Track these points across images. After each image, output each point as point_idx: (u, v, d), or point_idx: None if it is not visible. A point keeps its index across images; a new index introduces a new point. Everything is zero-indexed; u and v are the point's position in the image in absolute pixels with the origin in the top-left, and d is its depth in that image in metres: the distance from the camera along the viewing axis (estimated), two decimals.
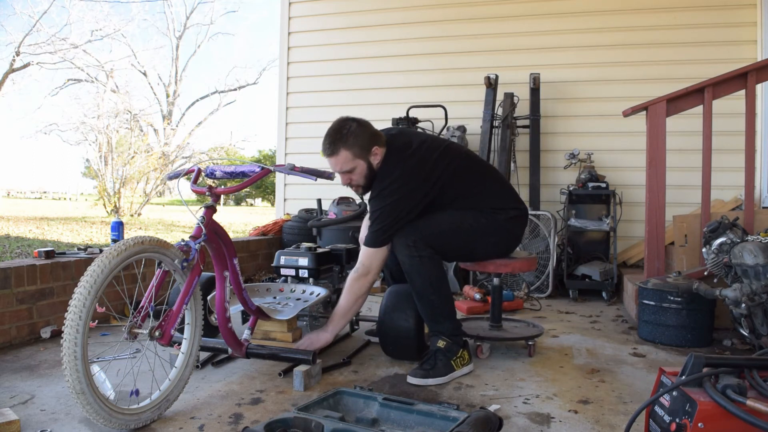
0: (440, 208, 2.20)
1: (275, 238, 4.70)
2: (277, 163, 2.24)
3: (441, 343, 2.09)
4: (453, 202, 2.22)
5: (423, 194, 2.14)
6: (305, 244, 2.58)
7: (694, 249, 3.16)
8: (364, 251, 2.18)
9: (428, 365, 2.05)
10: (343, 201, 4.32)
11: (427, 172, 2.14)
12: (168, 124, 23.06)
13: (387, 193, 2.10)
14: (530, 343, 2.42)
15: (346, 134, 2.09)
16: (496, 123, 4.36)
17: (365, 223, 2.32)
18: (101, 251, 2.86)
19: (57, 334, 2.59)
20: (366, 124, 2.16)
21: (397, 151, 2.16)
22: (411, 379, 2.02)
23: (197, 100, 28.23)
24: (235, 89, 25.42)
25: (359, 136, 2.09)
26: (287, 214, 5.21)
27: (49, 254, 2.69)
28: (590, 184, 4.03)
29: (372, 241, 2.14)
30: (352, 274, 2.19)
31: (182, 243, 1.71)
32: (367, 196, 2.26)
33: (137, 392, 1.67)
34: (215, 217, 1.83)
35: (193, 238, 1.75)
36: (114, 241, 3.23)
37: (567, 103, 4.62)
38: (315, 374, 2.01)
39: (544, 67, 4.57)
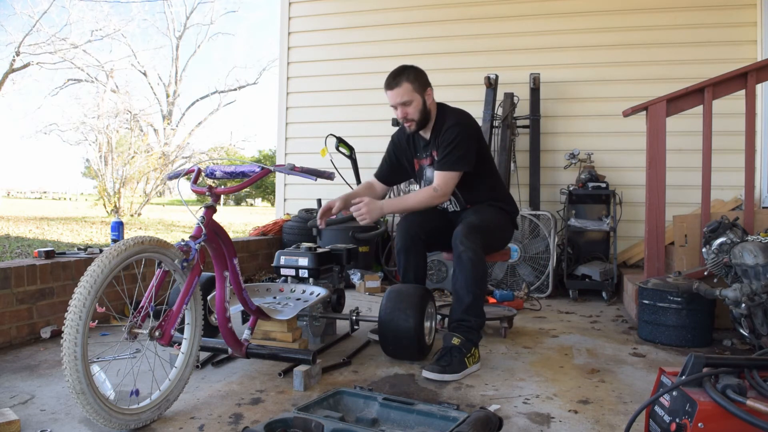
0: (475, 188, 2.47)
1: (275, 238, 4.70)
2: (277, 163, 2.24)
3: (456, 341, 2.14)
4: (480, 189, 2.48)
5: (479, 140, 2.44)
6: (305, 244, 2.58)
7: (694, 249, 3.16)
8: (443, 175, 2.35)
9: (444, 361, 2.09)
10: None
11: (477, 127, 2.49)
12: (168, 124, 23.02)
13: (461, 128, 2.37)
14: (504, 325, 2.67)
15: (408, 72, 2.37)
16: (496, 123, 4.35)
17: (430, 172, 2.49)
18: (101, 251, 2.86)
19: (57, 334, 2.59)
20: (422, 71, 2.43)
21: (450, 107, 2.50)
22: (427, 374, 2.05)
23: (197, 100, 28.20)
24: (235, 89, 25.37)
25: (419, 75, 2.39)
26: (287, 214, 5.21)
27: (49, 254, 2.69)
28: (590, 184, 4.03)
29: (455, 165, 2.34)
30: (428, 190, 2.36)
31: (182, 243, 1.71)
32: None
33: (137, 392, 1.66)
34: (215, 217, 1.83)
35: (193, 238, 1.75)
36: (114, 241, 3.23)
37: (567, 103, 4.62)
38: (315, 374, 2.01)
39: (544, 67, 4.57)
